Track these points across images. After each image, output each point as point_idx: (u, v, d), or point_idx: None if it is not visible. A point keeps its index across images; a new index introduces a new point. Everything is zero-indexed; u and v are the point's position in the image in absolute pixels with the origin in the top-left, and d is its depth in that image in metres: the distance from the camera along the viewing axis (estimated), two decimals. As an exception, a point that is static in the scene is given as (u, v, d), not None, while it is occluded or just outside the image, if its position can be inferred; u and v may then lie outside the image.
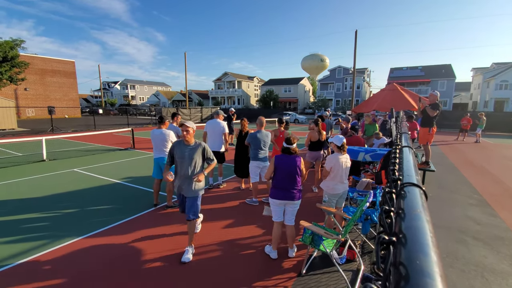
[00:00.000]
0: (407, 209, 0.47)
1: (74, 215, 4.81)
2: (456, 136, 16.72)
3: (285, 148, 3.39)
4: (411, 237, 0.37)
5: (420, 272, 0.30)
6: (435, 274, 0.30)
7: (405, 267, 0.31)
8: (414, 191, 0.60)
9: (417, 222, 0.41)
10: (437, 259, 0.33)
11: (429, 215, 0.45)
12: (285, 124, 6.01)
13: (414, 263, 0.31)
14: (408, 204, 0.50)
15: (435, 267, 0.31)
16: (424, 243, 0.35)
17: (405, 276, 0.30)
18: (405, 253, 0.34)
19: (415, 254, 0.33)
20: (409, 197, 0.54)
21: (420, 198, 0.54)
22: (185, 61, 32.46)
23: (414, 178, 0.65)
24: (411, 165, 0.76)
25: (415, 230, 0.39)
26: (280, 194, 3.35)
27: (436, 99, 6.21)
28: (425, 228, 0.38)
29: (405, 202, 0.52)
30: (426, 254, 0.33)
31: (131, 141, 12.05)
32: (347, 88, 46.09)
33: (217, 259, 3.53)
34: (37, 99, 35.50)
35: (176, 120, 6.22)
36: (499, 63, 42.68)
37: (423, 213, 0.43)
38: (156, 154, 5.00)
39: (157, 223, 4.52)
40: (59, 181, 6.79)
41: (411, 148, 1.02)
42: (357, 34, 23.29)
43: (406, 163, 0.79)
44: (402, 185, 0.63)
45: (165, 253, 3.64)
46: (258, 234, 4.18)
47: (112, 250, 3.70)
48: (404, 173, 0.71)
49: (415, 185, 0.61)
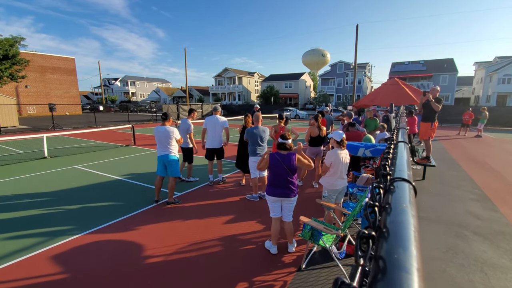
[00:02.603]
0: (394, 204, 0.46)
1: (76, 211, 4.84)
2: (458, 131, 16.64)
3: (280, 143, 3.38)
4: (394, 232, 0.36)
5: (397, 266, 0.30)
6: (412, 268, 0.29)
7: (384, 261, 0.31)
8: (403, 186, 0.59)
9: (401, 217, 0.40)
10: (417, 253, 0.33)
11: (416, 210, 0.44)
12: (285, 120, 5.99)
13: (392, 257, 0.31)
14: (395, 199, 0.49)
15: (413, 261, 0.31)
16: (405, 237, 0.35)
17: (382, 269, 0.30)
18: (386, 247, 0.34)
19: (395, 248, 0.33)
20: (397, 192, 0.53)
21: (409, 193, 0.52)
22: (185, 57, 32.34)
23: (405, 173, 0.64)
24: (404, 160, 0.75)
25: (398, 224, 0.38)
26: (276, 191, 3.35)
27: (437, 94, 6.18)
28: (409, 223, 0.37)
29: (393, 197, 0.51)
30: (405, 249, 0.33)
31: (132, 138, 12.07)
32: (348, 83, 45.83)
33: (218, 255, 3.55)
34: (38, 97, 35.50)
35: (192, 116, 6.24)
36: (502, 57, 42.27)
37: (409, 208, 0.42)
38: (160, 152, 4.99)
39: (158, 219, 4.54)
40: (61, 178, 6.82)
41: (407, 143, 1.00)
42: (358, 29, 23.09)
43: (400, 158, 0.78)
44: (392, 180, 0.62)
45: (166, 248, 3.66)
46: (258, 230, 4.19)
47: (113, 246, 3.73)
48: (396, 168, 0.70)
49: (405, 180, 0.60)
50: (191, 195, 5.68)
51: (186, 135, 6.02)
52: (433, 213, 4.87)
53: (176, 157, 5.04)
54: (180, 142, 5.11)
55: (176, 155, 5.03)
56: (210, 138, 6.11)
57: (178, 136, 5.01)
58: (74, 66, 39.87)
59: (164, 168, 4.99)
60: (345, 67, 46.53)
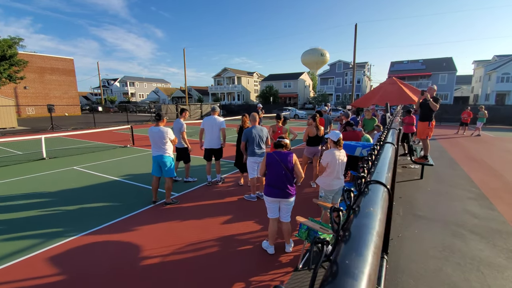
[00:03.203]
0: (363, 206, 0.46)
1: (74, 212, 4.85)
2: (457, 130, 16.66)
3: (278, 142, 3.38)
4: (354, 236, 0.36)
5: (346, 272, 0.29)
6: (361, 275, 0.29)
7: (337, 266, 0.31)
8: (377, 189, 0.57)
9: (364, 220, 0.39)
10: (372, 259, 0.32)
11: (385, 213, 0.44)
12: (283, 120, 5.99)
13: (344, 263, 0.31)
14: (365, 202, 0.48)
15: (364, 268, 0.30)
16: (362, 242, 0.34)
17: (332, 274, 0.30)
18: (342, 252, 0.34)
19: (349, 253, 0.33)
20: (369, 195, 0.51)
21: (381, 196, 0.52)
22: (184, 57, 32.33)
23: (383, 176, 0.63)
24: (386, 162, 0.74)
25: (359, 228, 0.38)
26: (273, 192, 3.33)
27: (434, 93, 6.19)
28: (370, 227, 0.37)
29: (364, 199, 0.51)
30: (359, 254, 0.32)
31: (131, 139, 12.07)
32: (347, 83, 45.82)
33: (215, 255, 3.56)
34: (37, 97, 35.46)
35: (184, 115, 6.24)
36: (501, 56, 42.29)
37: (377, 211, 0.42)
38: (154, 152, 5.00)
39: (156, 219, 4.55)
40: (59, 179, 6.82)
41: (393, 145, 1.00)
42: (356, 28, 23.10)
43: (382, 160, 0.77)
44: (368, 182, 0.61)
45: (164, 249, 3.66)
46: (255, 230, 4.20)
47: (111, 247, 3.73)
48: (376, 170, 0.70)
49: (380, 183, 0.59)
50: (189, 195, 5.68)
51: (180, 134, 6.02)
52: (430, 212, 4.88)
53: (171, 157, 5.05)
54: (174, 142, 5.12)
55: (170, 155, 5.04)
56: (208, 139, 6.12)
57: (173, 136, 5.02)
58: (73, 67, 39.83)
59: (159, 168, 5.00)
60: (344, 66, 46.52)
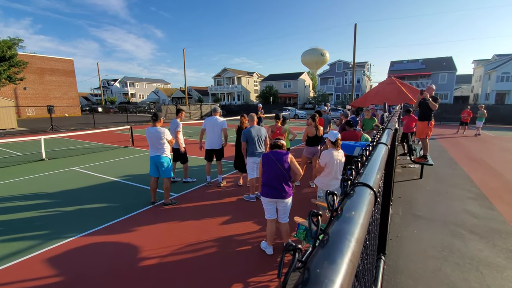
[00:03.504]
0: (345, 210, 0.44)
1: (72, 213, 4.84)
2: (457, 129, 16.63)
3: (273, 143, 3.38)
4: (331, 242, 0.34)
5: (314, 281, 0.28)
6: (331, 284, 0.28)
7: (308, 274, 0.30)
8: (362, 191, 0.55)
9: (344, 226, 0.37)
10: (346, 267, 0.31)
11: (368, 218, 0.41)
12: (282, 120, 5.98)
13: (315, 271, 0.30)
14: (348, 205, 0.46)
15: (335, 277, 0.29)
16: (337, 249, 0.32)
17: (302, 282, 0.29)
18: (316, 258, 0.32)
19: (322, 261, 0.31)
20: (353, 198, 0.51)
21: (366, 199, 0.50)
22: (183, 58, 32.33)
23: (371, 178, 0.62)
24: (377, 164, 0.72)
25: (337, 234, 0.36)
26: (270, 192, 3.31)
27: (433, 92, 6.18)
28: (347, 233, 0.35)
29: (347, 202, 0.49)
30: (332, 262, 0.30)
31: (130, 139, 12.07)
32: (347, 83, 45.79)
33: (214, 255, 3.55)
34: (37, 98, 35.49)
35: (180, 116, 6.23)
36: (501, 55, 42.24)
37: (359, 215, 0.39)
38: (152, 152, 4.99)
39: (154, 220, 4.54)
40: (58, 180, 6.81)
41: (387, 145, 0.99)
42: (356, 28, 23.09)
43: (373, 161, 0.75)
44: (354, 184, 0.59)
45: (163, 250, 3.66)
46: (254, 230, 4.19)
47: (110, 248, 3.73)
48: (365, 171, 0.68)
49: (366, 185, 0.57)
50: (188, 196, 5.68)
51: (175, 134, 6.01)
52: (429, 212, 4.87)
53: (168, 158, 5.04)
54: (171, 143, 5.11)
55: (168, 155, 5.03)
56: (209, 139, 6.10)
57: (170, 136, 5.01)
58: (73, 68, 39.87)
59: (157, 168, 4.99)
60: (344, 66, 46.50)
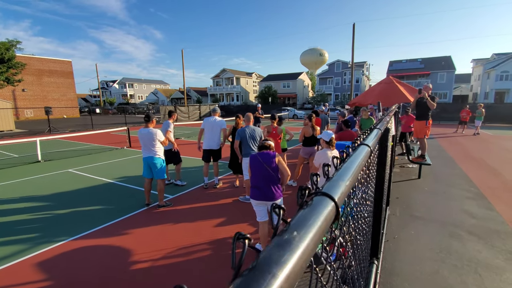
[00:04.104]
0: (290, 229, 0.35)
1: (65, 216, 4.77)
2: (456, 129, 16.57)
3: (261, 144, 3.31)
4: (251, 274, 0.27)
5: None
6: None
7: None
8: (319, 204, 0.44)
9: (274, 252, 0.30)
10: None
11: (316, 241, 0.32)
12: (278, 120, 5.92)
13: None
14: (296, 222, 0.38)
15: None
16: (256, 284, 0.25)
17: None
18: None
19: None
20: (306, 212, 0.41)
21: (321, 215, 0.40)
22: (182, 58, 32.28)
23: (337, 187, 0.54)
24: (350, 169, 0.63)
25: (261, 264, 0.29)
26: (258, 194, 3.24)
27: (430, 91, 6.12)
28: (276, 264, 0.27)
29: (296, 218, 0.40)
30: None
31: (127, 140, 11.99)
32: (346, 82, 45.75)
33: (207, 259, 3.48)
34: (35, 100, 35.42)
35: (173, 117, 6.14)
36: (500, 54, 42.21)
37: (302, 239, 0.29)
38: (144, 154, 4.93)
39: (148, 222, 4.47)
40: (53, 182, 6.74)
41: (369, 147, 0.92)
42: (354, 28, 23.05)
43: (347, 165, 0.68)
44: (312, 193, 0.50)
45: (155, 253, 3.59)
46: (249, 232, 4.13)
47: (101, 251, 3.66)
48: (334, 177, 0.60)
49: (327, 196, 0.47)
50: (183, 197, 5.60)
51: None
52: (427, 213, 4.80)
53: (161, 159, 4.98)
54: (164, 144, 5.05)
55: (161, 157, 4.97)
56: (208, 139, 6.02)
57: (162, 137, 4.95)
58: (71, 69, 39.82)
59: (150, 170, 4.93)
60: (343, 66, 46.46)
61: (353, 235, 1.09)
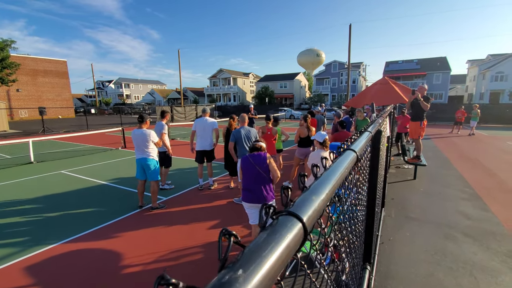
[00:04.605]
0: (237, 262, 0.29)
1: (56, 219, 4.67)
2: (451, 129, 16.65)
3: (252, 146, 3.25)
4: None
5: None
6: None
7: None
8: (285, 225, 0.37)
9: None
10: None
11: (270, 281, 0.26)
12: (273, 121, 5.86)
13: None
14: (249, 251, 0.32)
15: None
16: None
17: None
18: None
19: None
20: (265, 237, 0.35)
21: (284, 240, 0.34)
22: (178, 59, 32.14)
23: (309, 204, 0.47)
24: (331, 179, 0.55)
25: None
26: (249, 196, 3.18)
27: (425, 92, 6.11)
28: None
29: (253, 244, 0.33)
30: None
31: (122, 141, 11.87)
32: (342, 83, 45.87)
33: (200, 262, 3.41)
34: (30, 100, 35.03)
35: (166, 118, 6.03)
36: (495, 55, 42.60)
37: (247, 280, 0.26)
38: (138, 155, 4.85)
39: (140, 225, 4.39)
40: (45, 184, 6.62)
41: (355, 152, 0.86)
42: (351, 28, 23.09)
43: (327, 174, 0.61)
44: (277, 212, 0.41)
45: (146, 257, 3.51)
46: (243, 235, 4.06)
47: (91, 255, 3.57)
48: (307, 190, 0.53)
49: (293, 216, 0.39)
50: (177, 199, 5.52)
51: None
52: (422, 214, 4.78)
53: (155, 160, 4.90)
54: (158, 145, 4.97)
55: (154, 158, 4.88)
56: (200, 140, 5.96)
57: (156, 138, 4.86)
58: (66, 69, 39.45)
59: (143, 171, 4.85)
60: (340, 66, 46.56)
61: (340, 244, 1.04)
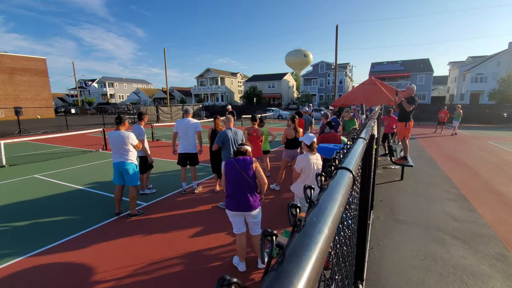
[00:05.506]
0: None
1: (23, 229, 4.29)
2: (435, 129, 17.00)
3: (237, 150, 3.02)
4: None
5: None
6: None
7: None
8: None
9: None
10: None
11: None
12: (259, 122, 5.67)
13: None
14: None
15: None
16: None
17: None
18: None
19: None
20: None
21: None
22: (164, 57, 31.43)
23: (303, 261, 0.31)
24: (331, 210, 0.40)
25: None
26: (233, 204, 2.94)
27: (413, 93, 6.07)
28: None
29: None
30: None
31: (103, 142, 11.37)
32: (330, 83, 46.32)
33: (180, 274, 3.16)
34: (7, 100, 33.33)
35: (144, 120, 5.67)
36: (475, 57, 44.22)
37: None
38: (115, 159, 4.53)
39: (116, 234, 4.09)
40: (16, 189, 6.16)
41: (350, 171, 0.69)
42: (338, 29, 23.25)
43: (322, 202, 0.44)
44: None
45: (120, 270, 3.23)
46: (227, 243, 3.84)
47: (59, 271, 3.25)
48: (301, 231, 0.36)
49: None
50: (158, 205, 5.23)
51: None
52: (411, 216, 4.71)
53: (134, 164, 4.60)
54: (138, 148, 4.67)
55: (133, 162, 4.58)
56: (183, 143, 5.69)
57: (135, 141, 4.56)
58: (46, 67, 37.81)
59: (121, 176, 4.53)
60: (327, 67, 46.99)
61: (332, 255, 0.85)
